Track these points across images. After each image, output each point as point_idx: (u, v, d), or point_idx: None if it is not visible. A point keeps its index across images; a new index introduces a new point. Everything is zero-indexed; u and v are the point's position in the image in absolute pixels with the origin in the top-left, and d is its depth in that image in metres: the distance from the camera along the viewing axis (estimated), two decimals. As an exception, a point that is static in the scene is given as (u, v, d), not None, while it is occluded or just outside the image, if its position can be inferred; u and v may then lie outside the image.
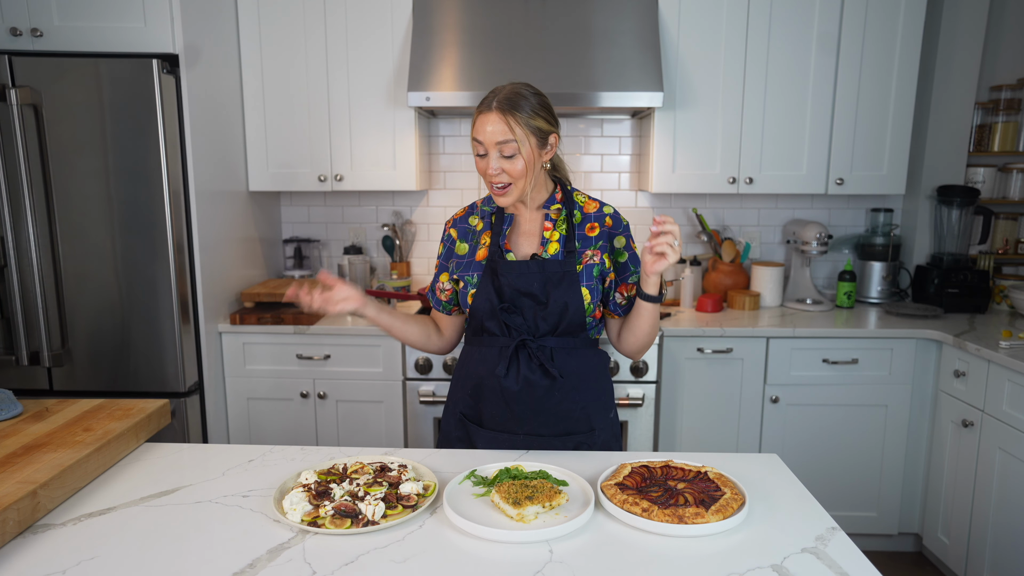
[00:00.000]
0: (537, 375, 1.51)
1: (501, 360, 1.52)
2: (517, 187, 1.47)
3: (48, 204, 2.21)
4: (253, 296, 2.63)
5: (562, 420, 1.55)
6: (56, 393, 2.33)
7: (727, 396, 2.58)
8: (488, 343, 1.55)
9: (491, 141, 1.43)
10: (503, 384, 1.52)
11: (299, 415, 2.59)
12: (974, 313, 2.80)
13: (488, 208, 1.60)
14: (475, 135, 1.46)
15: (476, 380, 1.57)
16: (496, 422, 1.56)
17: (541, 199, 1.56)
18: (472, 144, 1.49)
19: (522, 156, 1.44)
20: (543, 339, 1.53)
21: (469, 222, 1.61)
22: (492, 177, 1.46)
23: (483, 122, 1.44)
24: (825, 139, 2.72)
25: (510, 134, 1.42)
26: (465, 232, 1.60)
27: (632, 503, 1.15)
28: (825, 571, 1.02)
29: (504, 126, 1.42)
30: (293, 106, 2.70)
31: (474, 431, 1.58)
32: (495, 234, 1.55)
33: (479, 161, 1.48)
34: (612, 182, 3.09)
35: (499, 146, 1.43)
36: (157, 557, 1.05)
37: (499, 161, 1.44)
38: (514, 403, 1.53)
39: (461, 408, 1.61)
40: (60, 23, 2.19)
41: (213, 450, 1.45)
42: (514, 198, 1.49)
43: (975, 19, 2.80)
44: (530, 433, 1.54)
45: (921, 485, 2.64)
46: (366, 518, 1.12)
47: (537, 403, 1.52)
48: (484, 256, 1.55)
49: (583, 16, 2.58)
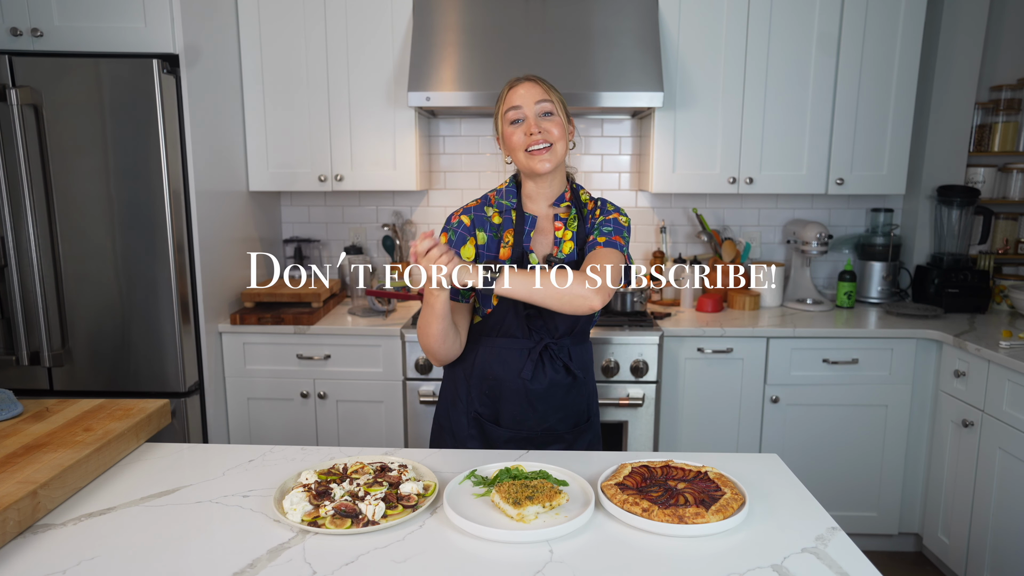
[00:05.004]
0: (561, 375, 1.56)
1: (527, 363, 1.54)
2: (556, 150, 1.50)
3: (48, 204, 2.21)
4: (253, 296, 2.63)
5: (573, 414, 1.61)
6: (56, 393, 2.33)
7: (727, 396, 2.58)
8: (507, 345, 1.55)
9: (531, 102, 1.48)
10: (529, 386, 1.54)
11: (299, 415, 2.59)
12: (974, 313, 2.80)
13: (508, 203, 1.58)
14: (510, 104, 1.50)
15: (494, 381, 1.57)
16: (516, 421, 1.57)
17: (556, 193, 1.57)
18: (503, 120, 1.51)
19: (559, 117, 1.50)
20: (561, 339, 1.57)
21: (485, 211, 1.58)
22: (534, 138, 1.47)
23: (518, 89, 1.50)
24: (825, 139, 2.72)
25: (548, 95, 1.50)
26: (482, 220, 1.57)
27: (632, 503, 1.15)
28: (825, 571, 1.02)
29: (541, 89, 1.50)
30: (293, 106, 2.70)
31: (492, 429, 1.59)
32: (518, 233, 1.55)
33: (514, 130, 1.50)
34: (612, 182, 3.09)
35: (539, 106, 1.49)
36: (157, 557, 1.05)
37: (540, 121, 1.48)
38: (538, 403, 1.56)
39: (476, 408, 1.60)
40: (60, 23, 2.19)
41: (213, 450, 1.45)
42: (556, 161, 1.50)
43: (975, 19, 2.80)
44: (548, 429, 1.58)
45: (921, 485, 2.64)
46: (366, 518, 1.12)
47: (559, 401, 1.57)
48: (508, 256, 1.55)
49: (583, 16, 2.58)
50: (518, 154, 1.50)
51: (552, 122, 1.49)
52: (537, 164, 1.49)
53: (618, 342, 2.43)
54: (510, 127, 1.50)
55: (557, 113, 1.50)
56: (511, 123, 1.50)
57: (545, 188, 1.55)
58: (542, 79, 1.53)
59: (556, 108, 1.50)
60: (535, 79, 1.52)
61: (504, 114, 1.51)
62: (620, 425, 2.48)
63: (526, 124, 1.48)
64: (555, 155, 1.49)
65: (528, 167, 1.51)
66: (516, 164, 1.54)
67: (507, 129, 1.51)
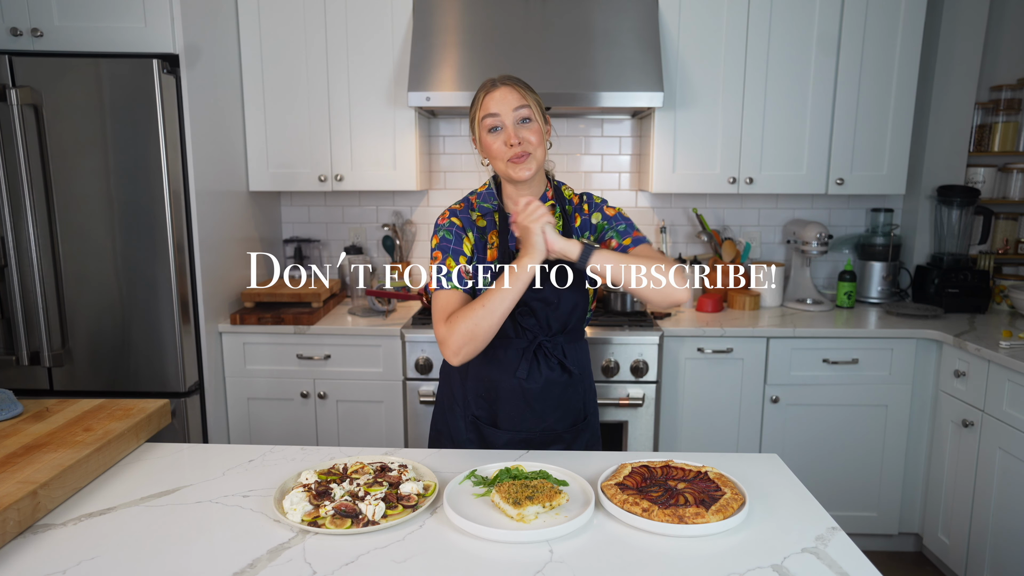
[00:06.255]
0: (556, 372, 1.56)
1: (521, 362, 1.54)
2: (536, 157, 1.49)
3: (48, 204, 2.21)
4: (253, 296, 2.63)
5: (571, 412, 1.61)
6: (56, 393, 2.33)
7: (727, 396, 2.58)
8: (501, 345, 1.55)
9: (509, 109, 1.46)
10: (525, 385, 1.54)
11: (299, 415, 2.59)
12: (974, 313, 2.80)
13: (489, 205, 1.58)
14: (487, 111, 1.47)
15: (489, 383, 1.57)
16: (514, 422, 1.57)
17: (538, 193, 1.57)
18: (480, 126, 1.50)
19: (537, 122, 1.49)
20: (555, 337, 1.57)
21: (470, 214, 1.58)
22: (513, 148, 1.46)
23: (495, 96, 1.47)
24: (825, 139, 2.72)
25: (525, 100, 1.48)
26: (470, 222, 1.56)
27: (632, 503, 1.15)
28: (825, 571, 1.02)
29: (518, 95, 1.48)
30: (293, 106, 2.70)
31: (490, 432, 1.58)
32: (502, 234, 1.54)
33: (493, 139, 1.48)
34: (612, 182, 3.09)
35: (516, 112, 1.46)
36: (157, 557, 1.05)
37: (518, 128, 1.47)
38: (535, 402, 1.56)
39: (473, 411, 1.60)
40: (60, 23, 2.19)
41: (213, 450, 1.45)
42: (534, 169, 1.49)
43: (975, 19, 2.80)
44: (547, 429, 1.58)
45: (921, 485, 2.64)
46: (366, 518, 1.12)
47: (555, 399, 1.57)
48: (495, 257, 1.54)
49: (583, 16, 2.58)
50: (498, 163, 1.50)
51: (530, 129, 1.47)
52: (517, 172, 1.48)
53: (618, 342, 2.43)
54: (488, 135, 1.48)
55: (535, 118, 1.48)
56: (489, 130, 1.48)
57: (525, 189, 1.54)
58: (517, 81, 1.50)
59: (533, 113, 1.48)
60: (511, 83, 1.48)
61: (481, 120, 1.49)
62: (620, 425, 2.48)
63: (505, 133, 1.46)
64: (535, 162, 1.49)
65: (508, 176, 1.50)
66: (495, 169, 1.54)
67: (485, 137, 1.49)
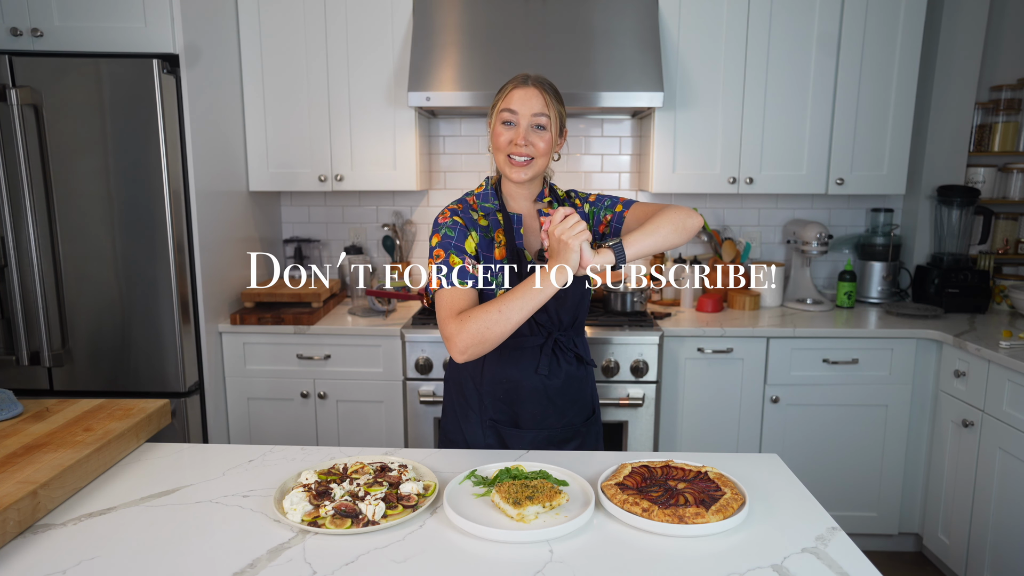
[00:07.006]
0: (574, 366, 1.59)
1: (541, 359, 1.55)
2: (537, 164, 1.50)
3: (48, 204, 2.21)
4: (253, 296, 2.63)
5: (586, 405, 1.64)
6: (56, 393, 2.33)
7: (727, 396, 2.58)
8: (516, 344, 1.54)
9: (528, 112, 1.47)
10: (547, 382, 1.55)
11: (299, 415, 2.59)
12: (974, 313, 2.80)
13: (491, 205, 1.57)
14: (508, 106, 1.49)
15: (510, 384, 1.56)
16: (536, 420, 1.57)
17: (536, 192, 1.59)
18: (496, 117, 1.51)
19: (551, 132, 1.50)
20: (566, 331, 1.59)
21: (472, 214, 1.56)
22: (518, 148, 1.47)
23: (521, 94, 1.48)
24: (825, 139, 2.72)
25: (546, 110, 1.48)
26: (472, 222, 1.55)
27: (632, 503, 1.15)
28: (825, 571, 1.02)
29: (542, 101, 1.48)
30: (293, 106, 2.70)
31: (511, 434, 1.57)
32: (508, 232, 1.55)
33: (503, 131, 1.49)
34: (612, 182, 3.09)
35: (534, 118, 1.48)
36: (157, 557, 1.05)
37: (529, 133, 1.48)
38: (556, 397, 1.57)
39: (491, 415, 1.58)
40: (60, 23, 2.19)
41: (213, 450, 1.45)
42: (531, 175, 1.51)
43: (975, 19, 2.80)
44: (567, 424, 1.60)
45: (921, 485, 2.64)
46: (366, 518, 1.12)
47: (574, 393, 1.60)
48: (503, 256, 1.54)
49: (583, 16, 2.58)
50: (499, 154, 1.52)
51: (541, 137, 1.48)
52: (512, 173, 1.50)
53: (618, 342, 2.43)
54: (501, 126, 1.51)
55: (550, 129, 1.49)
56: (503, 122, 1.50)
57: (524, 188, 1.57)
58: (548, 89, 1.50)
59: (551, 124, 1.49)
60: (541, 87, 1.49)
61: (500, 111, 1.51)
62: (620, 425, 2.48)
63: (515, 131, 1.48)
64: (533, 169, 1.50)
65: (504, 172, 1.52)
66: (495, 160, 1.55)
67: (498, 126, 1.51)
